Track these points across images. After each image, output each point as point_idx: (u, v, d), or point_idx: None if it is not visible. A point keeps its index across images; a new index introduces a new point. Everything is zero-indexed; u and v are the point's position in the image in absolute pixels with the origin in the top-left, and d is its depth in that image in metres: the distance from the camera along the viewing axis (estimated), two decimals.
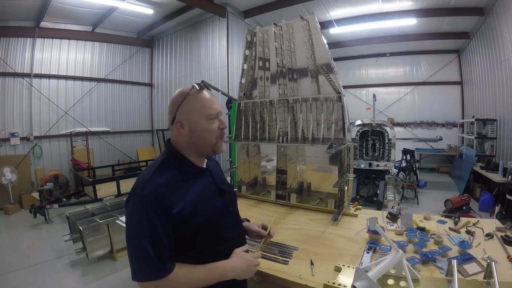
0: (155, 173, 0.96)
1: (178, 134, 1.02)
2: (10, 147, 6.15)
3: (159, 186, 0.92)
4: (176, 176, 0.98)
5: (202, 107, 1.01)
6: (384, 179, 5.30)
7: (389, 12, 6.70)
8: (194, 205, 0.97)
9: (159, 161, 1.02)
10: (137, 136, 8.66)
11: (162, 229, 0.89)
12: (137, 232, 0.90)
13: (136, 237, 0.90)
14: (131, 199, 0.94)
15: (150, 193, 0.90)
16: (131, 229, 0.92)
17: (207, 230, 1.00)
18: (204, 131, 1.02)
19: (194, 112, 1.00)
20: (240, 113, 2.82)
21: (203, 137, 1.02)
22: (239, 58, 6.52)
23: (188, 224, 0.94)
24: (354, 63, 10.42)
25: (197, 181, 1.03)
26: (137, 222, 0.90)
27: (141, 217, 0.89)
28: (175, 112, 1.01)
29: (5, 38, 6.05)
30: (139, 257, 0.88)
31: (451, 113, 9.07)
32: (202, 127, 1.01)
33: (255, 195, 2.80)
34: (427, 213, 2.08)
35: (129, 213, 0.94)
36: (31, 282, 3.08)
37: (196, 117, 1.00)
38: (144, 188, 0.91)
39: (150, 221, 0.88)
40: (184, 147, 1.04)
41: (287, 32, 2.46)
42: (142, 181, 0.94)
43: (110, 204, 4.20)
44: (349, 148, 2.36)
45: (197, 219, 0.97)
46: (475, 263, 1.40)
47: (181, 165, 1.02)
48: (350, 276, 1.27)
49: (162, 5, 6.47)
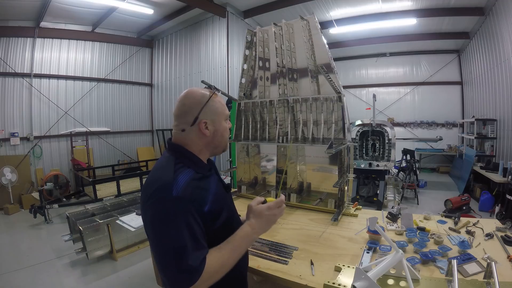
0: (177, 173, 0.92)
1: (200, 134, 1.03)
2: (10, 147, 6.15)
3: (187, 186, 0.89)
4: (194, 175, 0.96)
5: (223, 109, 1.10)
6: (384, 179, 5.30)
7: (389, 12, 6.70)
8: (216, 202, 0.98)
9: (172, 161, 0.97)
10: (137, 136, 8.67)
11: (198, 229, 0.87)
12: (172, 238, 0.84)
13: (169, 244, 0.84)
14: (157, 204, 0.87)
15: (181, 194, 0.86)
16: (162, 237, 0.86)
17: (229, 225, 1.03)
18: (225, 131, 1.10)
19: (218, 113, 1.06)
20: (240, 113, 2.82)
21: (224, 137, 1.10)
22: (239, 58, 6.52)
23: (216, 221, 0.97)
24: (354, 63, 10.43)
25: (210, 179, 1.04)
26: (170, 227, 0.84)
27: (174, 221, 0.84)
28: (198, 113, 1.01)
29: (5, 38, 6.06)
30: (172, 266, 0.82)
31: (451, 113, 9.07)
32: (223, 127, 1.09)
33: (255, 195, 2.80)
34: (427, 213, 2.08)
35: (157, 219, 0.87)
36: (31, 282, 3.08)
37: (219, 117, 1.07)
38: (171, 190, 0.86)
39: (187, 223, 0.84)
40: (199, 148, 1.04)
41: (287, 32, 2.46)
42: (165, 183, 0.88)
43: (110, 204, 4.21)
44: (349, 148, 2.36)
45: (222, 215, 1.00)
46: (475, 263, 1.40)
47: (195, 164, 1.01)
48: (350, 276, 1.27)
49: (162, 5, 6.47)
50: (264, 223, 1.01)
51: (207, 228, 0.92)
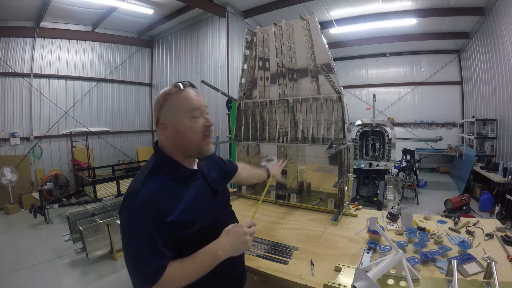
0: (147, 180, 0.92)
1: (162, 136, 1.00)
2: (10, 147, 6.15)
3: (151, 194, 0.89)
4: (168, 182, 0.95)
5: (184, 105, 0.97)
6: (384, 179, 5.30)
7: (389, 12, 6.69)
8: (189, 210, 0.94)
9: (149, 166, 0.98)
10: (137, 136, 8.66)
11: (159, 238, 0.86)
12: (133, 244, 0.87)
13: (131, 249, 0.88)
14: (124, 210, 0.90)
15: (143, 203, 0.87)
16: (126, 241, 0.89)
17: (205, 235, 0.97)
18: (188, 130, 0.98)
19: (176, 111, 0.97)
20: (240, 113, 2.82)
21: (187, 137, 0.98)
22: (239, 58, 6.51)
23: (185, 230, 0.93)
24: (354, 63, 10.42)
25: (190, 185, 1.00)
26: (132, 233, 0.88)
27: (135, 228, 0.87)
28: (158, 113, 0.98)
29: (5, 38, 6.05)
30: (134, 269, 0.86)
31: (451, 113, 9.07)
32: (185, 126, 0.97)
33: (255, 195, 2.80)
34: (427, 213, 2.08)
35: (123, 224, 0.91)
36: (31, 282, 3.08)
37: (178, 116, 0.97)
38: (136, 198, 0.88)
39: (146, 232, 0.85)
40: (171, 150, 1.00)
41: (287, 32, 2.46)
42: (133, 190, 0.91)
43: (110, 204, 4.20)
44: (349, 148, 2.36)
45: (195, 225, 0.95)
46: (475, 263, 1.40)
47: (172, 169, 0.99)
48: (350, 276, 1.27)
49: (162, 5, 6.46)
50: (232, 239, 0.95)
51: (177, 237, 0.91)
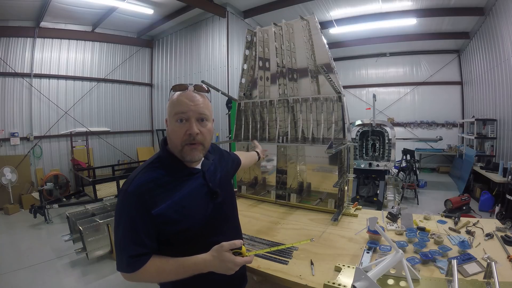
0: (142, 171, 0.98)
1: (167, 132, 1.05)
2: (10, 147, 6.15)
3: (142, 184, 0.93)
4: (162, 176, 0.97)
5: (174, 106, 0.98)
6: (384, 179, 5.30)
7: (389, 12, 6.70)
8: (178, 207, 0.95)
9: (150, 159, 1.04)
10: (137, 136, 8.66)
11: (142, 226, 0.91)
12: (120, 227, 0.93)
13: (117, 231, 0.93)
14: (119, 196, 0.99)
15: (133, 191, 0.92)
16: (115, 224, 0.96)
17: (190, 236, 0.97)
18: (171, 131, 0.99)
19: (169, 111, 1.00)
20: (240, 113, 2.82)
21: (170, 139, 1.01)
22: (239, 58, 6.52)
23: (170, 226, 0.94)
24: (354, 63, 10.43)
25: (185, 183, 1.00)
26: (120, 217, 0.94)
27: (123, 213, 0.94)
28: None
29: (5, 38, 6.05)
30: (117, 250, 0.93)
31: (451, 113, 9.07)
32: (171, 128, 0.99)
33: (255, 195, 2.80)
34: (427, 213, 2.08)
35: (116, 208, 0.98)
36: (31, 282, 3.08)
37: (169, 116, 1.00)
38: (129, 186, 0.94)
39: (131, 218, 0.91)
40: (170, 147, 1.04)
41: (287, 32, 2.46)
42: (129, 179, 0.97)
43: (110, 204, 4.20)
44: (349, 148, 2.36)
45: (179, 224, 0.95)
46: (475, 263, 1.40)
47: (170, 165, 1.01)
48: (350, 276, 1.27)
49: (162, 5, 6.47)
50: (219, 261, 0.91)
51: (159, 231, 0.94)
